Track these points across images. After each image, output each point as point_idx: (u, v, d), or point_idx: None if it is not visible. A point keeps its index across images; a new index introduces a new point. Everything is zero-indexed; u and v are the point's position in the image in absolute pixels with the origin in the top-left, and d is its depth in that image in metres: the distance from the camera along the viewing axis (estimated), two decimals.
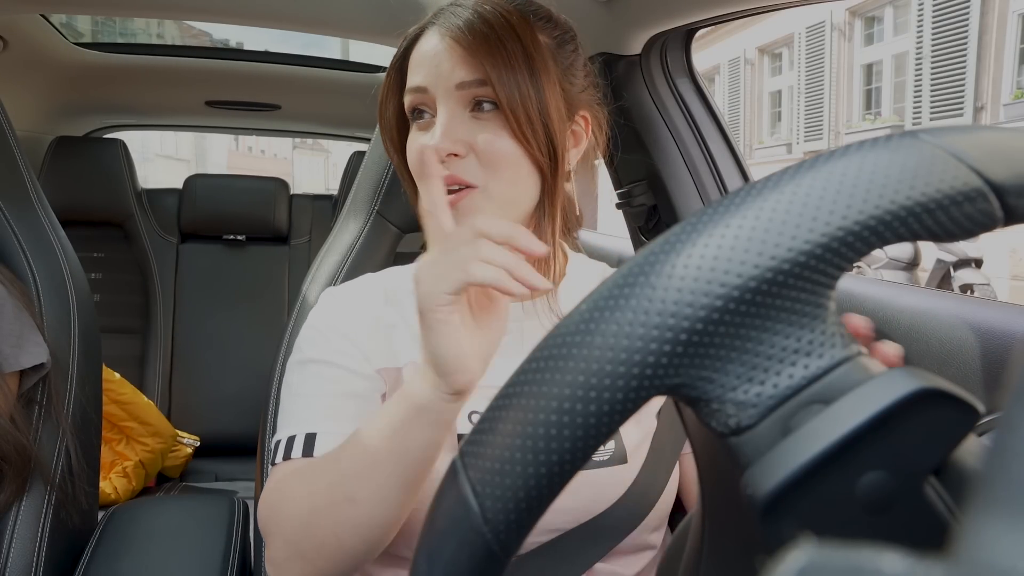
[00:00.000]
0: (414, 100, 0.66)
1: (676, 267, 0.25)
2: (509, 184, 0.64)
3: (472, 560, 0.27)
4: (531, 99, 0.62)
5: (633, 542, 0.67)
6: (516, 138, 0.62)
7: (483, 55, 0.62)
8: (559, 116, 0.64)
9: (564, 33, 0.69)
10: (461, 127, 0.63)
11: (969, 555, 0.13)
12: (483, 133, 0.63)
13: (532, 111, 0.62)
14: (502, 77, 0.61)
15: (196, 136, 16.15)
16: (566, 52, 0.68)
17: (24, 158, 0.91)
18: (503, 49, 0.62)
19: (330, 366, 0.67)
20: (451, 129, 0.63)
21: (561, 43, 0.68)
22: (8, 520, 0.78)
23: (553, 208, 0.66)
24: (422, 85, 0.65)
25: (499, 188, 0.63)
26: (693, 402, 0.26)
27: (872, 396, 0.23)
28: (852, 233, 0.24)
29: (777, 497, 0.23)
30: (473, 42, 0.62)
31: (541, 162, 0.64)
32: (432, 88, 0.64)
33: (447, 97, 0.63)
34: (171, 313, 2.08)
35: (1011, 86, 7.03)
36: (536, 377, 0.26)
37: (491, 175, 0.63)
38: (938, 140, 0.25)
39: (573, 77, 0.68)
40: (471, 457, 0.27)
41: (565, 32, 0.70)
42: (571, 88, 0.68)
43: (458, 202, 0.63)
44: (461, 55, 0.63)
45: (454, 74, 0.63)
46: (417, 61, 0.66)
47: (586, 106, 0.70)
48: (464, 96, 0.63)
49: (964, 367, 0.67)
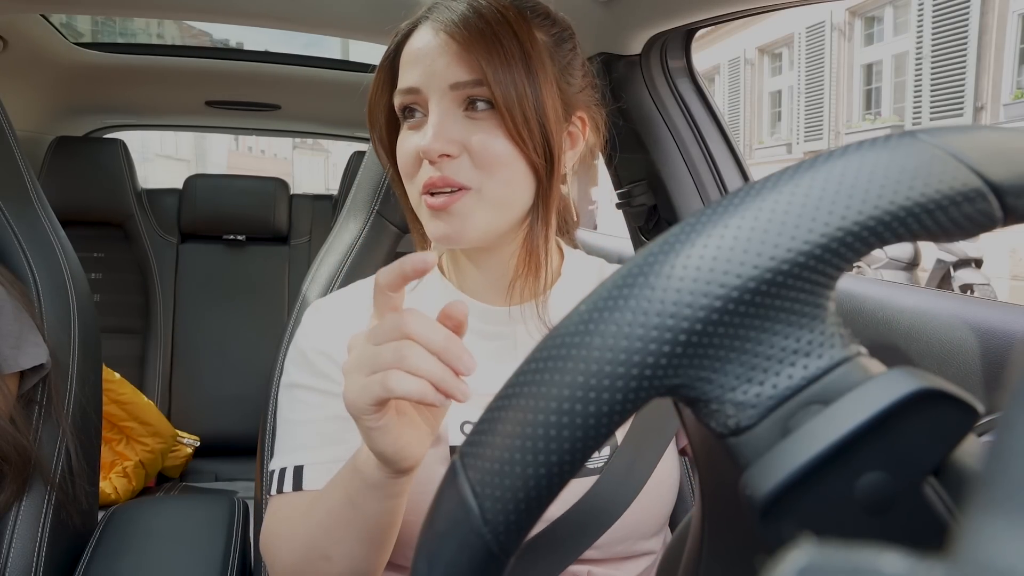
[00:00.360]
0: (405, 99, 0.63)
1: (675, 267, 0.25)
2: (503, 186, 0.61)
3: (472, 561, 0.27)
4: (528, 99, 0.60)
5: (629, 548, 0.66)
6: (512, 139, 0.60)
7: (479, 52, 0.59)
8: (556, 117, 0.62)
9: (562, 31, 0.67)
10: (454, 127, 0.61)
11: (969, 555, 0.13)
12: (478, 133, 0.60)
13: (529, 111, 0.60)
14: (499, 76, 0.59)
15: (196, 136, 16.15)
16: (564, 51, 0.66)
17: (24, 158, 0.91)
18: (500, 46, 0.60)
19: (314, 392, 0.67)
20: (444, 129, 0.60)
21: (559, 41, 0.66)
22: (8, 520, 0.78)
23: (547, 212, 0.64)
24: (414, 85, 0.62)
25: (493, 190, 0.61)
26: (692, 403, 0.26)
27: (871, 396, 0.23)
28: (851, 233, 0.24)
29: (776, 497, 0.23)
30: (469, 38, 0.60)
31: (536, 164, 0.62)
32: (425, 88, 0.61)
33: (441, 96, 0.61)
34: (171, 313, 2.08)
35: (1011, 86, 7.03)
36: (535, 378, 0.26)
37: (485, 176, 0.61)
38: (937, 140, 0.25)
39: (571, 77, 0.66)
40: (471, 458, 0.27)
41: (563, 30, 0.67)
42: (568, 88, 0.66)
43: (451, 205, 0.61)
44: (456, 52, 0.60)
45: (448, 73, 0.60)
46: (410, 59, 0.63)
47: (583, 107, 0.68)
48: (458, 96, 0.61)
49: (964, 367, 0.67)
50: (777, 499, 0.23)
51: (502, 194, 0.62)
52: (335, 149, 19.17)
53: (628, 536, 0.66)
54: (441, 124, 0.60)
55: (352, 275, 0.92)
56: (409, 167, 0.64)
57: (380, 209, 0.95)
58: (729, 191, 1.09)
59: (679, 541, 0.40)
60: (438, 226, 0.62)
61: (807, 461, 0.23)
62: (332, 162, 22.80)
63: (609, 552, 0.66)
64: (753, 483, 0.24)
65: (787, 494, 0.23)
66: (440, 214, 0.62)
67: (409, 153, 0.63)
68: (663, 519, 0.69)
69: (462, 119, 0.61)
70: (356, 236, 0.95)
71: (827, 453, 0.23)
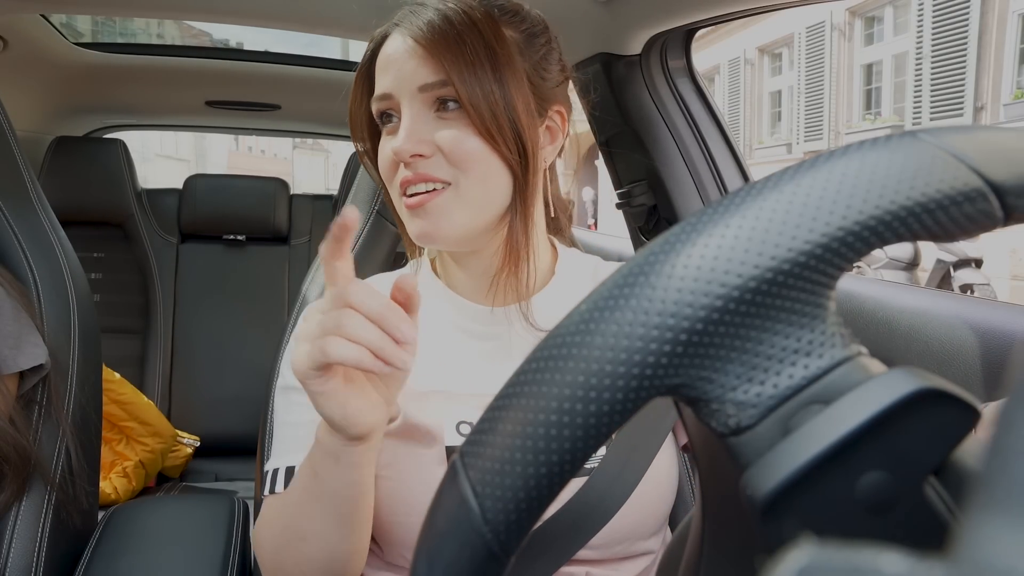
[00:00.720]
0: (381, 105, 0.65)
1: (676, 267, 0.25)
2: (479, 182, 0.62)
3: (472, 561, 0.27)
4: (495, 95, 0.61)
5: (627, 548, 0.66)
6: (483, 136, 0.61)
7: (443, 54, 0.61)
8: (528, 112, 0.63)
9: (533, 27, 0.67)
10: (425, 127, 0.62)
11: (969, 555, 0.13)
12: (448, 132, 0.62)
13: (498, 108, 0.61)
14: (463, 75, 0.60)
15: (196, 136, 16.16)
16: (536, 46, 0.66)
17: (24, 158, 0.91)
18: (464, 46, 0.61)
19: None
20: (415, 130, 0.62)
21: (530, 37, 0.66)
22: (8, 520, 0.78)
23: (525, 208, 0.65)
24: (387, 91, 0.64)
25: (469, 186, 0.62)
26: (693, 402, 0.26)
27: (872, 396, 0.23)
28: (852, 233, 0.24)
29: (777, 497, 0.23)
30: (433, 41, 0.61)
31: (511, 160, 0.62)
32: (396, 92, 0.63)
33: (411, 99, 0.62)
34: (171, 313, 2.08)
35: (1011, 86, 7.03)
36: (536, 377, 0.26)
37: (460, 173, 0.62)
38: (938, 140, 0.25)
39: (545, 72, 0.67)
40: (471, 457, 0.27)
41: (534, 26, 0.68)
42: (543, 83, 0.66)
43: (428, 202, 0.62)
44: (422, 56, 0.62)
45: (416, 76, 0.62)
46: (382, 65, 0.65)
47: (561, 100, 0.68)
48: (428, 97, 0.62)
49: (964, 367, 0.67)
50: (778, 498, 0.23)
51: (478, 190, 0.63)
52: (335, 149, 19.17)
53: (627, 536, 0.65)
54: (412, 126, 0.62)
55: None
56: (387, 171, 0.65)
57: (380, 209, 0.95)
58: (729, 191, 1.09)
59: (679, 541, 0.40)
60: (417, 224, 0.64)
61: (808, 460, 0.23)
62: (332, 162, 22.81)
63: (608, 552, 0.65)
64: (754, 482, 0.24)
65: (788, 493, 0.23)
66: (418, 212, 0.63)
67: (387, 157, 0.64)
68: (662, 519, 0.69)
69: (433, 119, 0.63)
70: (356, 236, 0.95)
71: (828, 453, 0.23)
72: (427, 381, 0.67)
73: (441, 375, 0.67)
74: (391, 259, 0.97)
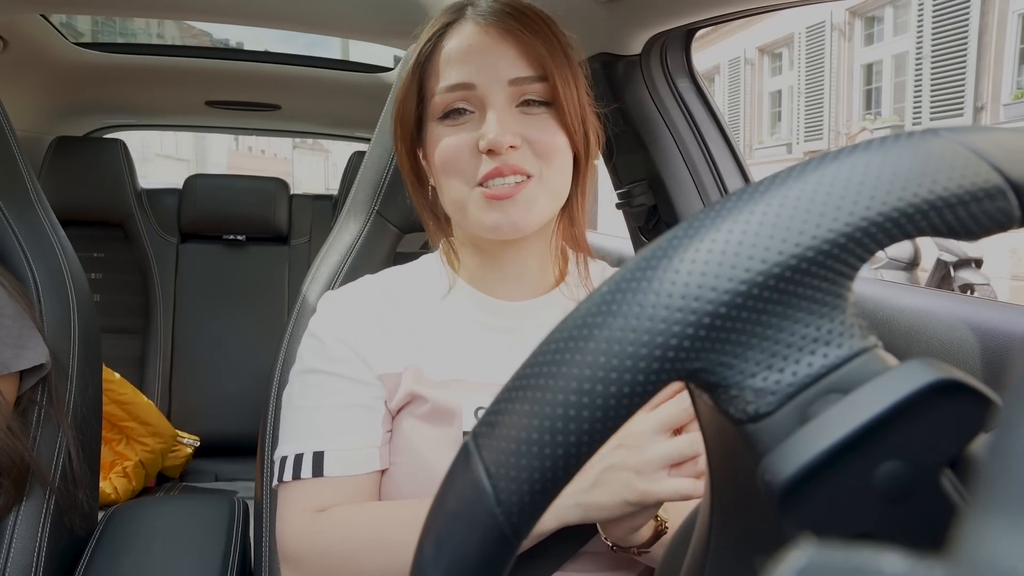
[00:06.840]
0: (454, 97, 0.64)
1: (700, 251, 0.25)
2: (559, 174, 0.66)
3: (483, 543, 0.26)
4: (578, 93, 0.65)
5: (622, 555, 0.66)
6: (567, 132, 0.64)
7: (541, 49, 0.63)
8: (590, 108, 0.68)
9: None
10: (514, 121, 0.63)
11: (969, 555, 0.13)
12: (534, 127, 0.64)
13: (582, 105, 0.65)
14: (561, 72, 0.63)
15: (196, 136, 16.15)
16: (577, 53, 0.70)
17: (24, 158, 0.91)
18: (556, 42, 0.64)
19: (331, 376, 0.67)
20: (507, 122, 0.63)
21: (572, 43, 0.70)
22: (8, 520, 0.78)
23: (583, 199, 0.69)
24: (468, 81, 0.63)
25: (552, 178, 0.65)
26: (712, 388, 0.26)
27: (890, 386, 0.23)
28: (875, 224, 0.24)
29: (795, 484, 0.23)
30: (526, 35, 0.63)
31: (579, 154, 0.67)
32: (481, 83, 0.63)
33: (499, 91, 0.63)
34: (171, 313, 2.08)
35: (1011, 86, 7.03)
36: (556, 358, 0.26)
37: (544, 165, 0.64)
38: (959, 137, 0.25)
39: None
40: (484, 438, 0.27)
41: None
42: None
43: (517, 193, 0.63)
44: (516, 49, 0.63)
45: (509, 68, 0.63)
46: (455, 57, 0.64)
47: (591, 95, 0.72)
48: (515, 91, 0.63)
49: (964, 367, 0.67)
50: (796, 486, 0.23)
51: (558, 182, 0.66)
52: (335, 149, 19.18)
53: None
54: (505, 117, 0.63)
55: (352, 275, 0.91)
56: (461, 163, 0.64)
57: (380, 209, 0.95)
58: (729, 191, 1.09)
59: (684, 534, 0.40)
60: (498, 217, 0.63)
61: (826, 448, 0.23)
62: (332, 162, 22.82)
63: (603, 561, 0.65)
64: (772, 469, 0.24)
65: (806, 481, 0.23)
66: (501, 204, 0.63)
67: (457, 148, 0.64)
68: None
69: (518, 114, 0.64)
70: (356, 236, 0.95)
71: (846, 441, 0.23)
72: (448, 371, 0.68)
73: (461, 366, 0.68)
74: (391, 259, 0.97)
